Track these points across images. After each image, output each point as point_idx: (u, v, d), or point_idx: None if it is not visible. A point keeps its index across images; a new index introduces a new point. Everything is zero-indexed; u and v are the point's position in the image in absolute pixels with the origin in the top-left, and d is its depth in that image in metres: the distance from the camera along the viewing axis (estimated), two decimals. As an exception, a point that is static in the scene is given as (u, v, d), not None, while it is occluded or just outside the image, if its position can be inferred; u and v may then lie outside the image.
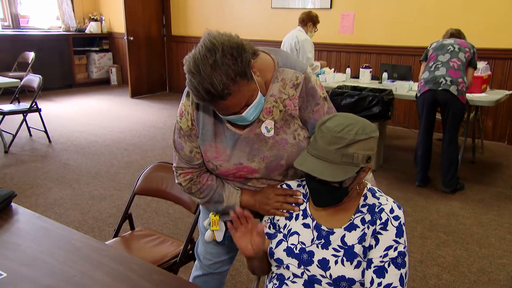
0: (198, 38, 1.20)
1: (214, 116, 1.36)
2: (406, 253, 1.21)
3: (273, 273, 1.37)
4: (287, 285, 1.29)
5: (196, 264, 1.75)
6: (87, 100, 7.40)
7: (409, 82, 4.41)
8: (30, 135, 5.19)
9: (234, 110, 1.22)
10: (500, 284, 2.48)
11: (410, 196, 3.67)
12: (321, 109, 1.37)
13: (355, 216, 1.25)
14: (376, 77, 4.95)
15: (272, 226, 1.38)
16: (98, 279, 1.26)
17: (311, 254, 1.25)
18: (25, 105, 4.97)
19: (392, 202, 1.25)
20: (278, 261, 1.29)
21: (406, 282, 1.21)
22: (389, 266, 1.19)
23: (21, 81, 4.76)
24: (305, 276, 1.26)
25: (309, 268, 1.25)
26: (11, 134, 4.77)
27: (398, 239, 1.20)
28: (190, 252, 1.94)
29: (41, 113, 4.91)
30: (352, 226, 1.24)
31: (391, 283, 1.18)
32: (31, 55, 6.59)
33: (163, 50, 8.24)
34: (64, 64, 8.15)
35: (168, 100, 7.66)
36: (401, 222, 1.21)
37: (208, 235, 1.55)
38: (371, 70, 4.85)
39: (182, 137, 1.40)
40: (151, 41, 7.94)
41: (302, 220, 1.31)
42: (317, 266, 1.24)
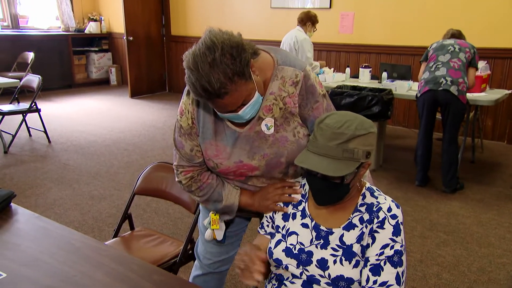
0: (197, 38, 1.20)
1: (214, 114, 1.36)
2: (403, 251, 1.20)
3: (272, 273, 1.37)
4: (286, 285, 1.29)
5: (196, 263, 1.75)
6: (87, 100, 7.40)
7: (408, 81, 4.41)
8: (30, 135, 5.19)
9: (231, 108, 1.23)
10: (500, 283, 2.49)
11: (410, 195, 3.67)
12: (320, 106, 1.38)
13: (354, 215, 1.25)
14: (375, 76, 4.95)
15: (272, 226, 1.38)
16: (98, 279, 1.26)
17: (310, 254, 1.25)
18: (24, 105, 4.96)
19: (390, 201, 1.25)
20: (277, 261, 1.29)
21: (404, 281, 1.21)
22: (385, 264, 1.19)
23: (20, 81, 4.76)
24: (304, 276, 1.26)
25: (308, 268, 1.25)
26: (11, 134, 4.77)
27: (395, 238, 1.20)
28: (190, 252, 1.94)
29: (40, 113, 4.90)
30: (350, 225, 1.25)
31: (387, 281, 1.18)
32: (31, 55, 6.59)
33: (163, 50, 8.24)
34: (63, 64, 8.15)
35: (167, 100, 7.66)
36: (398, 221, 1.21)
37: (208, 234, 1.55)
38: (371, 69, 4.85)
39: (183, 135, 1.40)
40: (151, 41, 7.94)
41: (301, 220, 1.31)
42: (316, 266, 1.24)
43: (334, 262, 1.22)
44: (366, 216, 1.24)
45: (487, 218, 3.28)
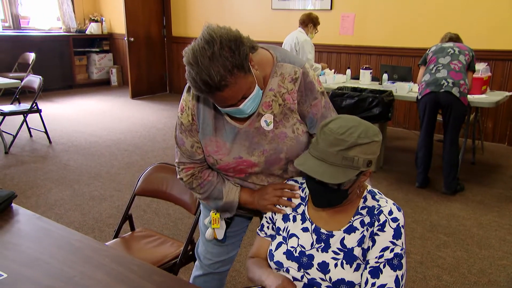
0: (198, 39, 1.21)
1: (214, 110, 1.37)
2: (403, 255, 1.20)
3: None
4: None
5: (196, 264, 1.75)
6: (88, 101, 7.41)
7: (409, 83, 4.41)
8: (31, 136, 5.20)
9: (231, 102, 1.23)
10: (500, 285, 2.48)
11: (410, 197, 3.67)
12: (318, 103, 1.39)
13: (355, 218, 1.25)
14: (376, 78, 4.95)
15: (273, 227, 1.38)
16: (98, 280, 1.26)
17: (311, 257, 1.25)
18: (25, 105, 4.98)
19: (391, 204, 1.25)
20: (278, 264, 1.29)
21: (403, 284, 1.20)
22: (384, 267, 1.19)
23: (21, 82, 4.76)
24: (304, 279, 1.25)
25: (308, 271, 1.24)
26: (12, 134, 4.77)
27: (395, 241, 1.19)
28: (190, 253, 1.94)
29: (41, 114, 4.91)
30: (351, 229, 1.24)
31: (385, 284, 1.18)
32: (32, 56, 6.60)
33: (163, 51, 8.25)
34: (64, 65, 8.16)
35: (168, 101, 7.66)
36: (399, 224, 1.21)
37: (209, 233, 1.56)
38: (371, 71, 4.85)
39: (183, 132, 1.42)
40: (151, 42, 7.95)
41: (301, 224, 1.31)
42: (316, 269, 1.23)
43: (335, 265, 1.22)
44: (367, 219, 1.23)
45: (488, 220, 3.28)
